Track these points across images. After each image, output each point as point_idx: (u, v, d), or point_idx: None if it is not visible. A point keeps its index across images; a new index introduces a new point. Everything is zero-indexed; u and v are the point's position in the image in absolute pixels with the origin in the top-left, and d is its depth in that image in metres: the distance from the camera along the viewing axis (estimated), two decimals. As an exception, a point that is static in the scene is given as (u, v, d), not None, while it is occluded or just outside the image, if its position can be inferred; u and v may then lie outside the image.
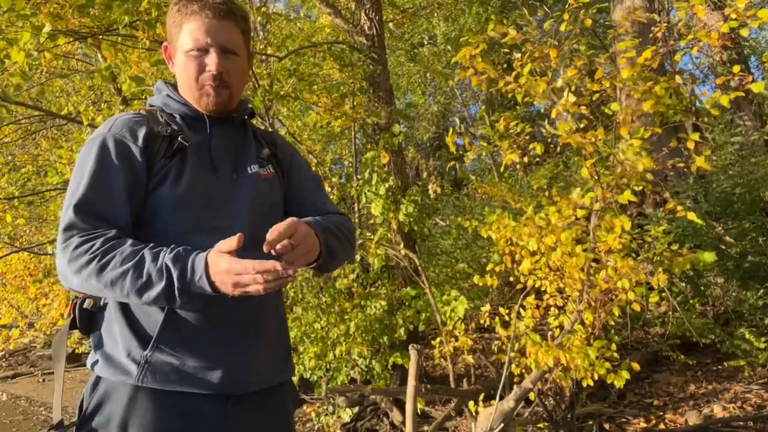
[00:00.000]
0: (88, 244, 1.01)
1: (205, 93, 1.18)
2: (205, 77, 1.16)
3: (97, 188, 1.07)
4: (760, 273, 4.33)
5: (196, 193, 1.13)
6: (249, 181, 1.22)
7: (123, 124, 1.14)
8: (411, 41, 10.75)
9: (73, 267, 1.02)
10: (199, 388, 1.08)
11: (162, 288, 0.98)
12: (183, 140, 1.15)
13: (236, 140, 1.27)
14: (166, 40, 1.26)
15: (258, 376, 1.16)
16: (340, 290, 4.16)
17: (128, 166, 1.10)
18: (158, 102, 1.25)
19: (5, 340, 6.68)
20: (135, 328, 1.09)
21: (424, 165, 14.32)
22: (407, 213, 3.98)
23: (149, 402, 1.06)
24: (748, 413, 3.45)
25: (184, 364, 1.07)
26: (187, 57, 1.16)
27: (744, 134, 6.63)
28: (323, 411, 4.21)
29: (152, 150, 1.13)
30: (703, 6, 2.29)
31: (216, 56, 1.15)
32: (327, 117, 4.86)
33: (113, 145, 1.10)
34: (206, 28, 1.14)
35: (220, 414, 1.10)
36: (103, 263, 0.99)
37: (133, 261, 0.99)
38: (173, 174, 1.12)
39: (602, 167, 2.46)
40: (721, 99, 2.18)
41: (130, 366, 1.06)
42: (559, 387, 3.00)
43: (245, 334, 1.09)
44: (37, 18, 2.58)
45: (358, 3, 5.06)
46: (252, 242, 1.03)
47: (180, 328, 1.07)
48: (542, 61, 2.41)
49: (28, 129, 6.38)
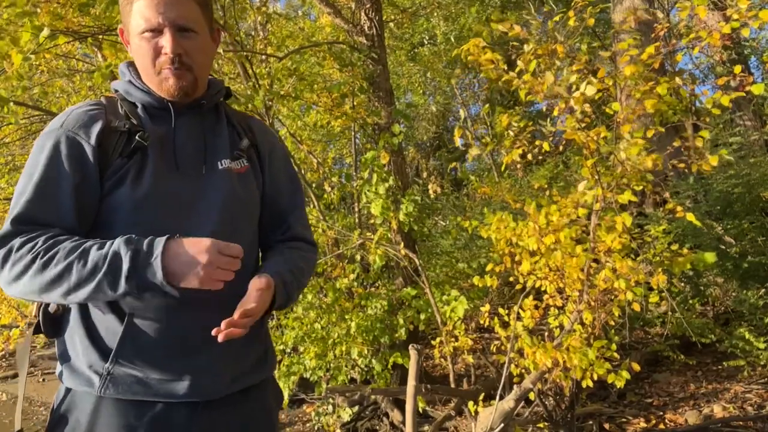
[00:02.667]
0: (29, 245, 0.94)
1: (163, 78, 1.06)
2: (162, 61, 1.04)
3: (41, 198, 0.99)
4: (759, 273, 4.34)
5: (158, 194, 1.04)
6: (219, 178, 1.11)
7: (77, 119, 1.04)
8: (411, 41, 10.74)
9: (15, 271, 0.94)
10: (164, 397, 1.03)
11: (104, 271, 0.91)
12: (142, 139, 1.05)
13: (206, 131, 1.15)
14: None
15: (226, 380, 1.10)
16: (341, 290, 4.16)
17: (78, 168, 1.01)
18: (120, 88, 1.13)
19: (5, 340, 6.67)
20: (95, 339, 1.03)
21: (424, 165, 14.31)
22: (407, 213, 3.98)
23: (114, 410, 1.01)
24: (748, 413, 3.45)
25: (147, 376, 1.02)
26: (140, 39, 1.04)
27: (743, 134, 6.63)
28: (323, 411, 4.21)
29: (107, 148, 1.03)
30: (704, 6, 2.29)
31: (171, 36, 1.02)
32: (327, 117, 4.86)
33: (65, 146, 1.01)
34: (156, 4, 1.01)
35: (189, 420, 1.05)
36: (46, 259, 0.92)
37: (78, 252, 0.93)
38: (132, 174, 1.03)
39: (602, 167, 2.46)
40: (722, 99, 2.18)
41: (93, 377, 1.01)
42: (559, 387, 3.00)
43: (208, 340, 0.98)
44: (37, 17, 2.58)
45: (358, 3, 5.06)
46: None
47: (140, 339, 1.01)
48: (547, 57, 2.40)
49: (28, 129, 6.38)
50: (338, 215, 6.18)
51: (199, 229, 1.03)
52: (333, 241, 4.74)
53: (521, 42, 2.43)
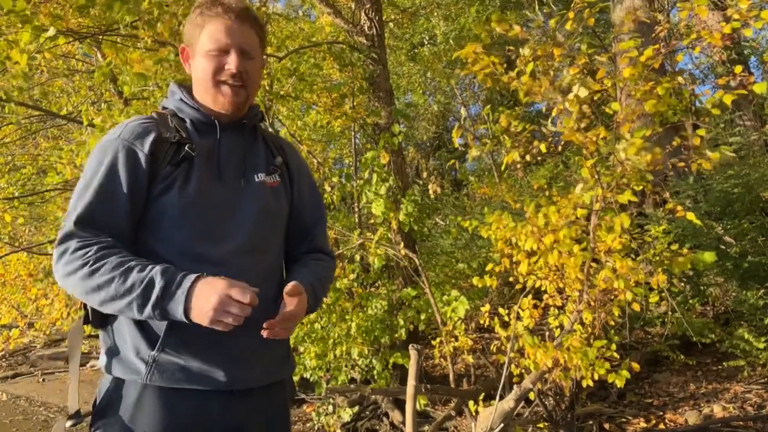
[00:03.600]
0: (83, 250, 1.06)
1: (222, 92, 1.21)
2: (225, 75, 1.19)
3: (101, 201, 1.12)
4: (759, 273, 4.33)
5: (202, 201, 1.16)
6: (256, 190, 1.25)
7: (132, 131, 1.17)
8: (411, 41, 10.75)
9: (67, 269, 1.07)
10: (205, 385, 1.12)
11: (137, 294, 1.02)
12: (190, 149, 1.18)
13: (246, 147, 1.29)
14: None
15: (260, 372, 1.20)
16: (341, 290, 4.16)
17: (133, 175, 1.13)
18: (171, 105, 1.27)
19: (5, 340, 6.68)
20: (143, 328, 1.13)
21: (424, 165, 14.32)
22: (407, 213, 3.98)
23: (157, 398, 1.10)
24: (748, 413, 3.45)
25: (190, 363, 1.12)
26: (206, 57, 1.19)
27: (743, 134, 6.63)
28: (323, 411, 4.21)
29: (158, 157, 1.16)
30: (705, 6, 2.29)
31: (236, 56, 1.19)
32: (327, 117, 4.86)
33: (123, 154, 1.14)
34: (227, 30, 1.18)
35: (225, 408, 1.15)
36: (94, 268, 1.04)
37: (121, 269, 1.05)
38: (180, 181, 1.15)
39: (602, 167, 2.46)
40: (724, 98, 2.18)
41: (139, 365, 1.11)
42: (559, 387, 3.00)
43: (247, 332, 1.11)
44: (37, 18, 2.58)
45: (358, 3, 5.06)
46: (254, 250, 1.19)
47: (184, 330, 1.10)
48: (546, 59, 2.40)
49: (28, 129, 6.38)
50: (338, 215, 6.18)
51: (236, 236, 1.17)
52: (333, 241, 4.74)
53: (521, 42, 2.43)
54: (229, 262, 1.15)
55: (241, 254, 1.17)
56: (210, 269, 1.08)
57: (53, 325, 7.89)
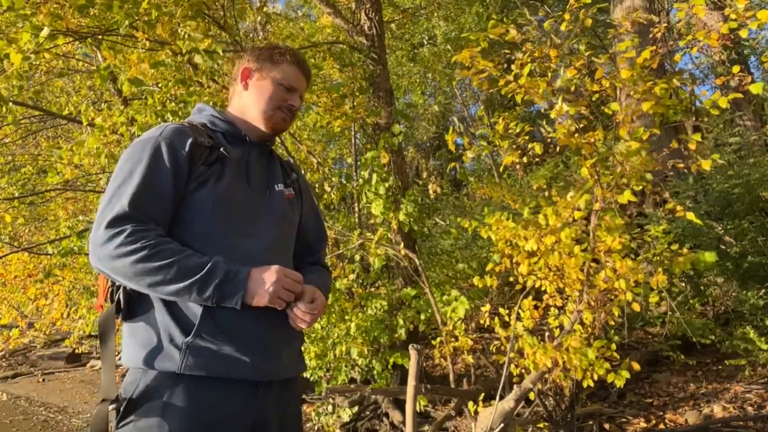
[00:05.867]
0: (140, 234, 1.14)
1: (276, 117, 1.42)
2: (285, 107, 1.43)
3: (148, 189, 1.20)
4: (759, 273, 4.34)
5: (233, 199, 1.28)
6: (278, 198, 1.41)
7: (172, 131, 1.28)
8: (411, 41, 10.74)
9: (119, 251, 1.13)
10: (235, 373, 1.18)
11: (201, 276, 1.13)
12: (225, 151, 1.31)
13: (268, 163, 1.47)
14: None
15: (284, 365, 1.29)
16: (341, 290, 4.16)
17: (175, 167, 1.23)
18: (203, 119, 1.42)
19: (5, 340, 6.69)
20: (176, 316, 1.19)
21: (424, 165, 14.32)
22: (407, 213, 3.98)
23: (187, 390, 1.15)
24: (748, 413, 3.45)
25: (222, 349, 1.18)
26: (276, 87, 1.42)
27: (743, 134, 6.63)
28: (323, 411, 4.21)
29: (194, 157, 1.27)
30: (703, 6, 2.29)
31: (299, 98, 1.47)
32: (327, 117, 4.86)
33: (165, 149, 1.24)
34: (297, 77, 1.46)
35: (251, 398, 1.21)
36: (155, 252, 1.13)
37: (183, 254, 1.15)
38: (213, 178, 1.27)
39: (602, 167, 2.46)
40: (719, 101, 2.18)
41: (173, 351, 1.16)
42: (559, 387, 3.00)
43: (274, 325, 1.22)
44: (36, 18, 2.58)
45: (358, 3, 5.06)
46: (277, 250, 1.32)
47: (218, 317, 1.18)
48: (542, 61, 2.41)
49: (28, 129, 6.38)
50: (338, 215, 6.18)
51: (262, 236, 1.30)
52: (333, 241, 4.74)
53: (521, 44, 2.43)
54: (259, 257, 1.24)
55: (268, 252, 1.28)
56: (242, 261, 1.19)
57: (53, 325, 7.88)
